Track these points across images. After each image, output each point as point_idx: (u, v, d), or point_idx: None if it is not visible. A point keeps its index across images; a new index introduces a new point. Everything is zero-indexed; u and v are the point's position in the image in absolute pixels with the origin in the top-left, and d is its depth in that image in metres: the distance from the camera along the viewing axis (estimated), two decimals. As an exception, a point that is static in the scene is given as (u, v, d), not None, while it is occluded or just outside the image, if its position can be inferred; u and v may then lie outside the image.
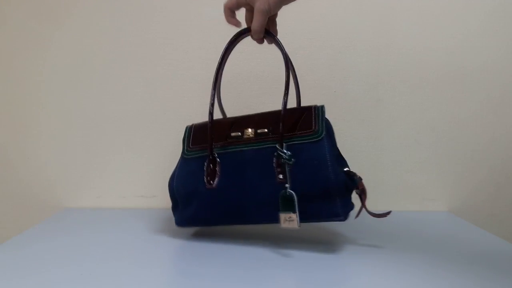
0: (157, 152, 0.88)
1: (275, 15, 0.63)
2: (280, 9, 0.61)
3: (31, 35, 0.86)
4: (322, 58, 0.87)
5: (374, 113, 0.87)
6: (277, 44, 0.62)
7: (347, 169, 0.61)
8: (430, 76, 0.87)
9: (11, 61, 0.87)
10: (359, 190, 0.60)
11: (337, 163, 0.59)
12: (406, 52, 0.87)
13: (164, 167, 0.83)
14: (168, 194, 0.67)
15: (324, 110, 0.61)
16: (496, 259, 0.58)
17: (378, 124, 0.88)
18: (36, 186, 0.89)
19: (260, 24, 0.58)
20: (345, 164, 0.63)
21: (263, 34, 0.61)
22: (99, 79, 0.87)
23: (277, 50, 0.62)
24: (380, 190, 0.88)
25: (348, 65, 0.87)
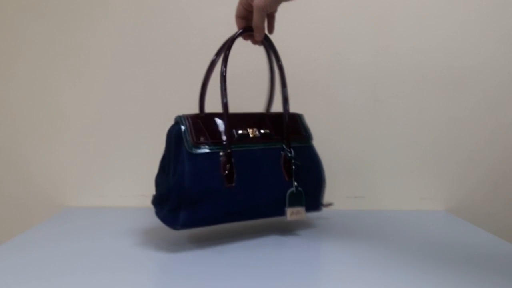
0: (158, 152, 0.88)
1: (275, 11, 0.64)
2: (281, 9, 0.62)
3: (31, 35, 0.87)
4: (320, 59, 0.87)
5: (372, 114, 0.88)
6: (272, 47, 0.66)
7: None
8: (428, 77, 0.88)
9: (11, 61, 0.87)
10: None
11: None
12: (404, 53, 0.87)
13: (165, 167, 0.83)
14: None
15: (304, 119, 0.72)
16: (494, 258, 0.58)
17: (376, 124, 0.88)
18: (38, 186, 0.89)
19: (259, 20, 0.60)
20: None
21: (264, 33, 0.63)
22: (101, 79, 0.88)
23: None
24: (378, 190, 0.89)
25: (346, 66, 0.87)
